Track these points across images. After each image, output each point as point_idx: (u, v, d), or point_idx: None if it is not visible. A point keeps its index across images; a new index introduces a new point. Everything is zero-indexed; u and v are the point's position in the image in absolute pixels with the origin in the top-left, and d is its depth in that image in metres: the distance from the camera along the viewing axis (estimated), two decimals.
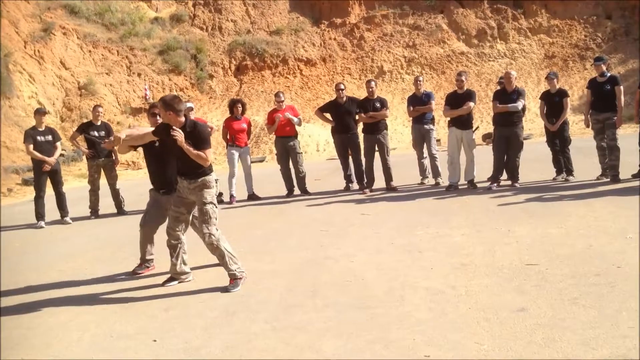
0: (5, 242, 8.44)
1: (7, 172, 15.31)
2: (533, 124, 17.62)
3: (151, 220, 5.87)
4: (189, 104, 10.22)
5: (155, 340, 4.18)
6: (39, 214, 9.30)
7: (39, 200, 9.32)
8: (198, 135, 5.11)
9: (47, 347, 4.24)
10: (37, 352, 4.16)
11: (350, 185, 10.37)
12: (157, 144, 5.62)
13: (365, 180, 9.96)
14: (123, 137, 5.43)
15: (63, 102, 20.42)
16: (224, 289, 5.16)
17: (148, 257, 6.01)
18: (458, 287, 4.72)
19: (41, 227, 9.19)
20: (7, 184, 14.58)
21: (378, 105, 9.91)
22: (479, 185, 9.36)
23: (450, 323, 4.01)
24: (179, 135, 4.97)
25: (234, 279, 5.20)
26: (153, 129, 5.44)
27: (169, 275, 5.59)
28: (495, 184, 9.17)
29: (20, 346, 4.30)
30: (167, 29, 24.50)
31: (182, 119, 5.09)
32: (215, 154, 16.72)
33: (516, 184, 9.10)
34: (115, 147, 5.75)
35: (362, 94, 13.27)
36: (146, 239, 5.93)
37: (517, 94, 9.03)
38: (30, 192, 10.83)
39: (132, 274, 5.93)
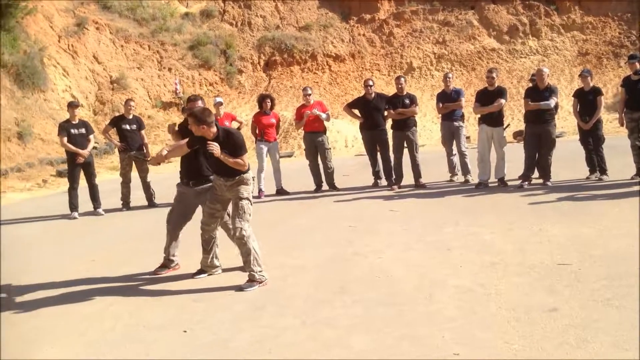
0: (40, 232, 8.62)
1: (42, 163, 15.61)
2: (566, 122, 17.33)
3: (176, 217, 5.82)
4: (218, 99, 10.34)
5: (185, 331, 4.24)
6: (73, 205, 9.45)
7: (72, 191, 9.48)
8: (233, 143, 5.16)
9: (82, 336, 4.33)
10: (71, 340, 4.25)
11: (378, 181, 10.34)
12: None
13: (394, 177, 9.92)
14: (165, 154, 5.51)
15: (96, 96, 20.73)
16: (239, 287, 5.14)
17: (171, 258, 5.89)
18: (488, 285, 4.68)
19: (75, 218, 9.35)
20: (42, 176, 14.86)
21: (407, 101, 9.85)
22: (509, 183, 9.25)
23: (480, 322, 3.98)
24: (216, 149, 5.01)
25: (252, 280, 5.18)
26: (186, 141, 5.45)
27: (199, 267, 5.66)
28: (527, 183, 9.06)
29: (54, 334, 4.40)
30: (197, 25, 24.66)
31: (214, 129, 5.13)
32: None
33: (548, 183, 8.97)
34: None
35: (391, 91, 13.21)
36: (171, 237, 5.86)
37: (550, 92, 8.90)
38: (64, 183, 11.03)
39: (153, 274, 5.83)
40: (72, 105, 9.87)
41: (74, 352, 4.04)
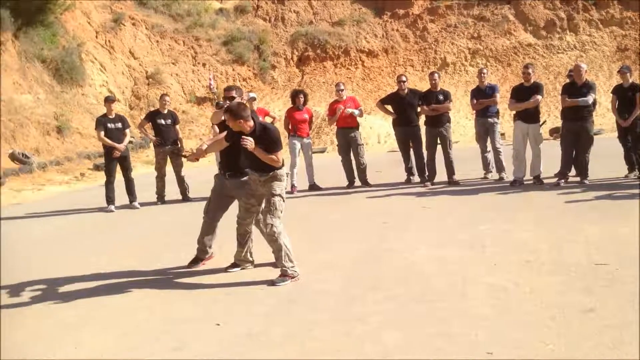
0: (78, 224, 8.81)
1: (80, 157, 15.94)
2: (604, 119, 16.96)
3: (214, 208, 5.84)
4: (251, 94, 10.39)
5: (218, 324, 4.29)
6: (109, 199, 9.62)
7: (109, 185, 9.64)
8: (269, 138, 5.18)
9: (116, 327, 4.42)
10: (107, 331, 4.34)
11: (411, 178, 10.28)
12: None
13: (427, 173, 9.85)
14: (204, 149, 5.57)
15: (132, 91, 21.06)
16: (271, 282, 5.16)
17: (206, 249, 5.88)
18: (522, 284, 4.63)
19: (111, 211, 9.51)
20: (80, 169, 15.19)
21: (441, 97, 9.77)
22: (545, 181, 9.11)
23: (514, 321, 3.94)
24: (250, 144, 5.04)
25: (284, 275, 5.19)
26: (225, 135, 5.50)
27: (232, 261, 5.72)
28: (563, 180, 8.90)
29: (91, 325, 4.50)
30: (231, 20, 24.84)
31: (251, 123, 5.16)
32: None
33: (585, 181, 8.80)
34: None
35: (424, 86, 13.11)
36: (208, 229, 5.85)
37: (588, 88, 8.73)
38: (101, 177, 11.21)
39: (187, 268, 5.86)
40: (109, 100, 10.03)
41: (109, 342, 4.13)
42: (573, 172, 9.12)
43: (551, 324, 3.82)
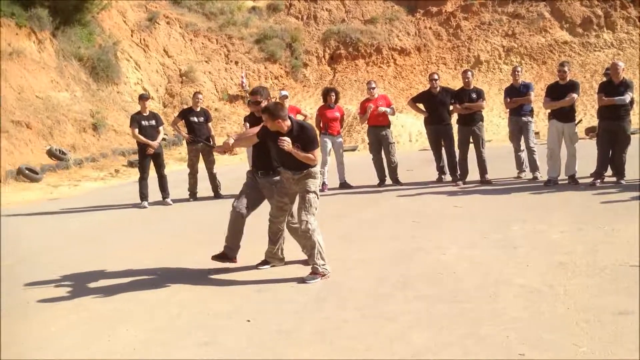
0: (112, 220, 8.97)
1: (114, 154, 16.23)
2: None
3: (245, 201, 5.62)
4: (283, 92, 10.44)
5: (249, 321, 4.32)
6: (143, 195, 9.76)
7: (142, 181, 9.78)
8: (307, 137, 5.20)
9: (149, 322, 4.49)
10: (139, 325, 4.41)
11: (442, 176, 10.20)
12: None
13: (459, 172, 9.77)
14: (231, 143, 5.57)
15: (165, 89, 21.35)
16: (302, 280, 5.17)
17: (234, 247, 5.65)
18: (556, 286, 4.56)
19: (144, 207, 9.65)
20: (114, 165, 15.47)
21: (474, 96, 9.66)
22: (580, 181, 8.95)
23: (547, 322, 3.88)
24: (287, 145, 5.06)
25: (315, 272, 5.20)
26: (257, 131, 5.51)
27: (263, 259, 5.75)
28: (599, 180, 8.73)
29: (124, 319, 4.58)
30: (263, 18, 24.98)
31: (288, 122, 5.18)
32: None
33: (622, 181, 8.62)
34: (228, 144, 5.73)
35: (457, 85, 12.99)
36: (235, 225, 5.61)
37: (625, 86, 8.53)
38: (135, 173, 11.42)
39: (215, 260, 5.71)
40: (143, 98, 10.17)
41: (142, 335, 4.19)
42: (609, 172, 8.93)
43: (585, 326, 3.76)
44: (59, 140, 15.48)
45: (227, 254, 5.71)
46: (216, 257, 5.69)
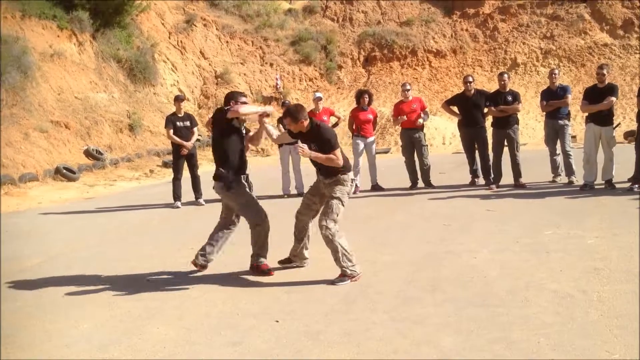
0: (146, 219, 9.11)
1: (149, 154, 16.51)
2: None
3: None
4: (317, 94, 10.47)
5: (277, 321, 4.34)
6: (176, 195, 9.89)
7: (176, 181, 9.91)
8: (321, 137, 5.26)
9: (179, 319, 4.55)
10: (170, 323, 4.48)
11: (476, 180, 10.09)
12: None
13: (492, 176, 9.64)
14: (274, 138, 5.80)
15: (201, 90, 21.62)
16: (331, 282, 5.17)
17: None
18: (589, 292, 4.46)
19: (177, 207, 9.78)
20: (149, 166, 15.72)
21: (510, 98, 9.54)
22: (617, 186, 8.75)
23: (579, 328, 3.81)
24: (304, 151, 5.18)
25: (343, 275, 5.18)
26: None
27: (287, 256, 5.79)
28: (637, 185, 8.52)
29: (155, 317, 4.64)
30: (299, 20, 25.10)
31: (307, 121, 5.29)
32: (341, 144, 16.92)
33: None
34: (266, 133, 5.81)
35: (492, 87, 12.83)
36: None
37: None
38: (169, 173, 11.57)
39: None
40: (178, 99, 10.31)
41: (171, 334, 4.25)
42: None
43: (618, 333, 3.68)
44: (96, 141, 15.81)
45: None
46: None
